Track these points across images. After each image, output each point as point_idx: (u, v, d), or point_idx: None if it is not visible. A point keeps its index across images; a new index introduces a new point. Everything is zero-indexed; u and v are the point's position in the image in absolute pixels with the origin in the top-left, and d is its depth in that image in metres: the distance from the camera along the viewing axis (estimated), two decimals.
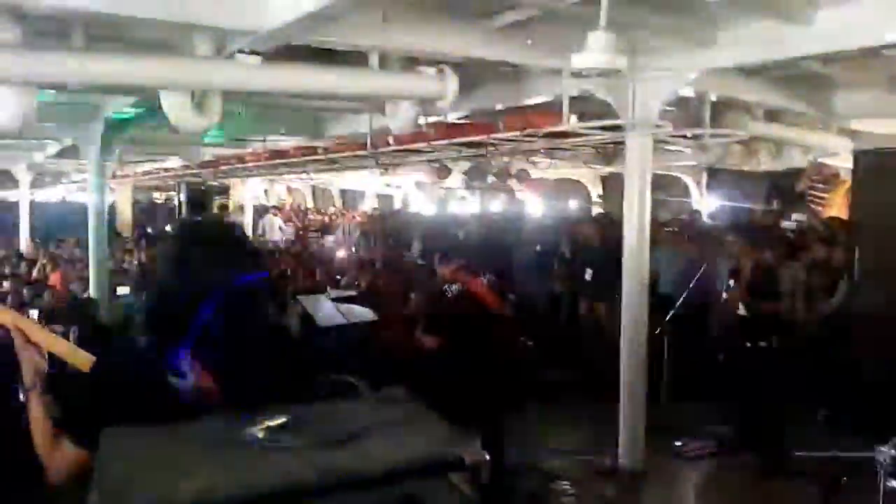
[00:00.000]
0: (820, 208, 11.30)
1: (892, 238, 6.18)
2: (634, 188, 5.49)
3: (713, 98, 6.26)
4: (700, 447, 6.45)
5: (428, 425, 1.23)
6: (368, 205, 23.04)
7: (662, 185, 12.32)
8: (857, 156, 7.21)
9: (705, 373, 6.71)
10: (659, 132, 5.56)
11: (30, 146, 11.35)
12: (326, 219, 21.53)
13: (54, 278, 10.31)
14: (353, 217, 20.19)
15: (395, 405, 1.29)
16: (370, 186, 21.97)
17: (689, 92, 5.93)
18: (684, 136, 6.47)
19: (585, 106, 5.94)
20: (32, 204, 15.88)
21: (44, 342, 2.03)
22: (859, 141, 7.82)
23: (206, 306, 1.81)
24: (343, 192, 24.19)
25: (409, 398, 1.33)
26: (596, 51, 3.25)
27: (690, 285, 6.96)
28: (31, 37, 3.70)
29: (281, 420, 1.22)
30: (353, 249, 14.51)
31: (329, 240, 16.74)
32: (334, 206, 24.24)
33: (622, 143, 5.84)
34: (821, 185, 11.44)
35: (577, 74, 3.60)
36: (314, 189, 24.72)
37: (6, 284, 9.53)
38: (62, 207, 20.43)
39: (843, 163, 9.89)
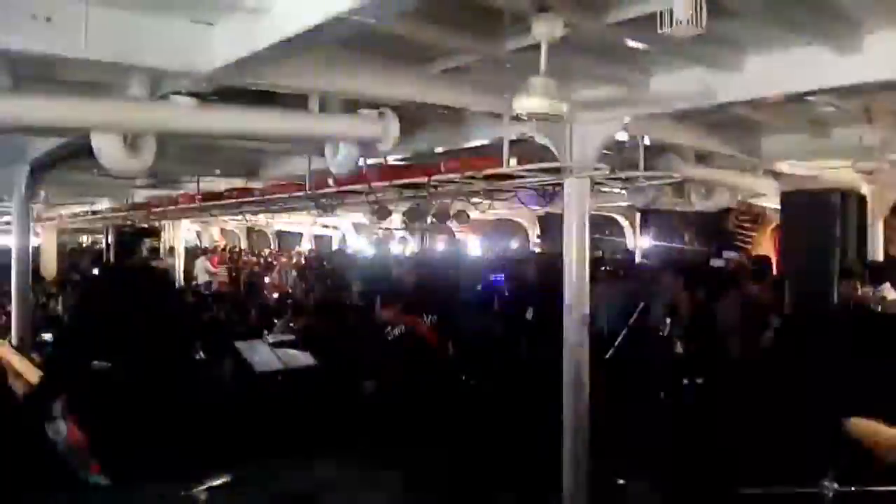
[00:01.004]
0: (748, 246, 11.70)
1: (818, 274, 6.43)
2: (573, 228, 5.56)
3: (647, 142, 6.44)
4: (646, 487, 6.47)
5: (384, 485, 1.17)
6: (305, 246, 22.79)
7: (598, 224, 12.59)
8: (785, 196, 7.51)
9: (647, 410, 6.77)
10: (596, 175, 5.66)
11: None
12: (262, 261, 21.16)
13: None
14: (290, 259, 19.91)
15: (348, 463, 1.22)
16: (307, 228, 21.75)
17: (623, 136, 6.08)
18: (620, 179, 6.61)
19: (524, 149, 6.03)
20: None
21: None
22: (784, 182, 8.13)
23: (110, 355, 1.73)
24: (279, 234, 23.88)
25: (362, 454, 1.27)
26: (538, 95, 3.30)
27: (629, 323, 7.05)
28: None
29: (224, 479, 1.14)
30: (290, 291, 14.27)
31: (265, 282, 16.44)
32: (269, 248, 23.90)
33: (560, 184, 5.93)
34: (748, 224, 11.87)
35: (518, 118, 3.64)
36: (249, 230, 24.33)
37: None
38: None
39: (769, 202, 10.29)
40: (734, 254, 11.04)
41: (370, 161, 6.70)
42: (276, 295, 13.50)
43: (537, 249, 14.65)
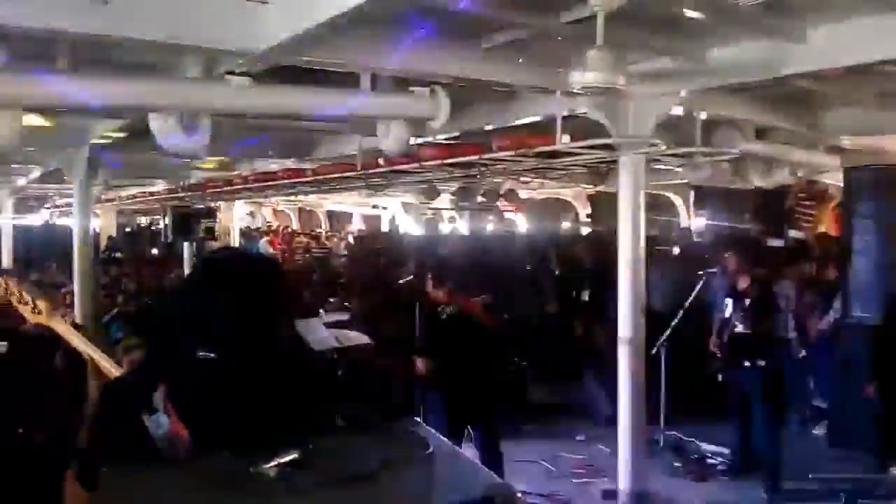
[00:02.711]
0: (808, 225, 11.34)
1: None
2: (628, 207, 5.45)
3: (703, 116, 6.26)
4: (701, 469, 6.39)
5: (451, 462, 1.16)
6: (355, 226, 22.96)
7: (651, 203, 12.34)
8: (849, 172, 7.24)
9: (704, 393, 6.65)
10: (652, 151, 5.53)
11: (12, 171, 11.20)
12: (314, 241, 21.40)
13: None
14: (343, 238, 20.10)
15: (412, 440, 1.21)
16: (357, 208, 21.89)
17: (679, 110, 5.92)
18: (676, 155, 6.45)
19: (575, 124, 5.92)
20: (14, 228, 15.65)
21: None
22: (847, 158, 7.84)
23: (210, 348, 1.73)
24: (329, 214, 24.11)
25: (427, 432, 1.26)
26: (595, 69, 3.22)
27: (686, 304, 6.92)
28: (16, 60, 3.62)
29: (292, 456, 1.13)
30: (343, 271, 14.42)
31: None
32: (321, 227, 24.15)
33: (614, 162, 5.81)
34: (808, 202, 11.49)
35: (572, 93, 3.57)
36: (300, 211, 24.61)
37: None
38: (45, 231, 20.19)
39: (831, 179, 9.94)
40: (797, 232, 10.72)
41: (420, 140, 6.67)
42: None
43: (587, 229, 14.47)
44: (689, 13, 3.93)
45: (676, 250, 11.16)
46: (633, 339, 5.42)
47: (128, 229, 24.61)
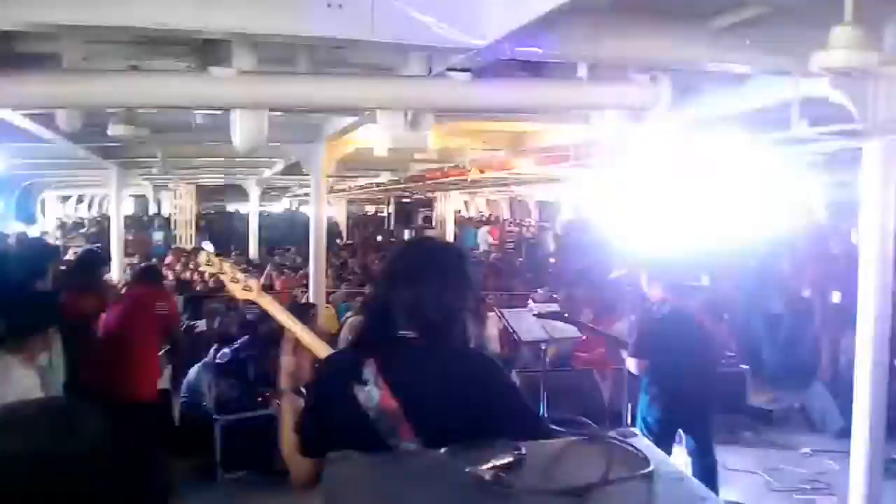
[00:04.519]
0: None
1: None
2: (876, 198, 4.85)
3: None
4: None
5: (673, 483, 1.09)
6: (565, 217, 22.79)
7: None
8: None
9: None
10: None
11: (259, 163, 12.44)
12: (525, 231, 21.58)
13: (279, 284, 11.23)
14: (552, 228, 20.07)
15: (629, 453, 1.16)
16: (567, 198, 21.71)
17: None
18: None
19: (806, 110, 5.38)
20: (260, 215, 17.43)
21: (314, 348, 2.13)
22: None
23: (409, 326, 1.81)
24: (539, 203, 24.16)
25: (645, 445, 1.20)
26: (843, 47, 2.88)
27: None
28: (261, 63, 4.00)
29: (509, 459, 1.13)
30: (553, 261, 14.40)
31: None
32: (530, 217, 24.28)
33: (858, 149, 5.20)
34: None
35: (814, 74, 3.23)
36: (511, 200, 24.92)
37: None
38: (286, 218, 22.28)
39: None
40: None
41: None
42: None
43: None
44: None
45: None
46: (873, 346, 4.83)
47: (356, 217, 26.47)
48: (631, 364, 5.30)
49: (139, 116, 5.91)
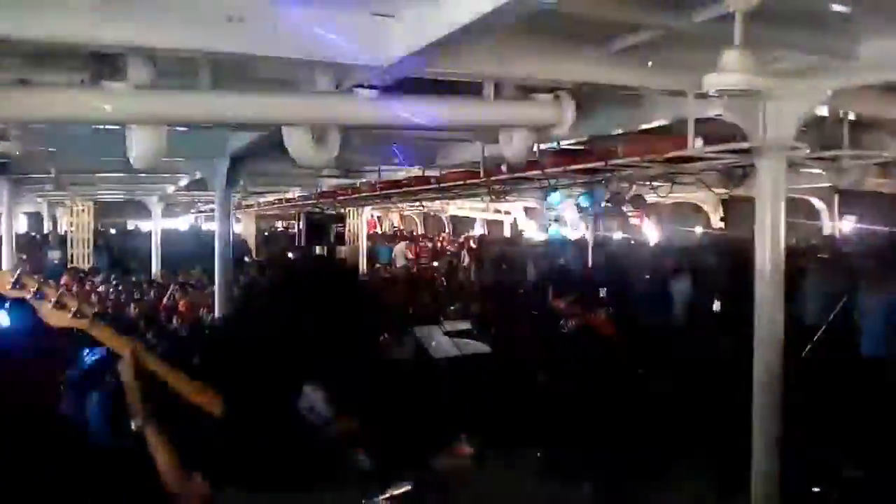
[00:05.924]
0: None
1: None
2: (767, 213, 5.12)
3: (851, 117, 5.81)
4: (840, 495, 5.91)
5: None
6: (478, 231, 23.09)
7: (789, 207, 11.59)
8: None
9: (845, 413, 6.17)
10: (795, 154, 5.17)
11: (162, 179, 12.04)
12: (438, 245, 21.69)
13: (183, 304, 10.83)
14: (466, 243, 20.26)
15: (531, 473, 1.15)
16: (480, 213, 22.01)
17: (823, 111, 5.52)
18: (822, 158, 6.02)
19: (707, 128, 5.65)
20: (162, 232, 16.83)
21: (170, 381, 2.05)
22: None
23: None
24: (452, 219, 24.42)
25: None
26: (732, 70, 3.03)
27: (830, 318, 6.46)
28: (160, 77, 3.86)
29: (405, 488, 1.11)
30: (465, 276, 14.50)
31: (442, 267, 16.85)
32: (444, 232, 24.49)
33: (751, 165, 5.48)
34: None
35: (705, 96, 3.38)
36: (425, 216, 25.06)
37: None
38: (188, 235, 21.59)
39: None
40: None
41: (543, 146, 6.58)
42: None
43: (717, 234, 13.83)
44: (836, 7, 3.64)
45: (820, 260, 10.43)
46: (770, 352, 5.08)
47: (266, 233, 25.92)
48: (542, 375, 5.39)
49: (31, 131, 5.61)
